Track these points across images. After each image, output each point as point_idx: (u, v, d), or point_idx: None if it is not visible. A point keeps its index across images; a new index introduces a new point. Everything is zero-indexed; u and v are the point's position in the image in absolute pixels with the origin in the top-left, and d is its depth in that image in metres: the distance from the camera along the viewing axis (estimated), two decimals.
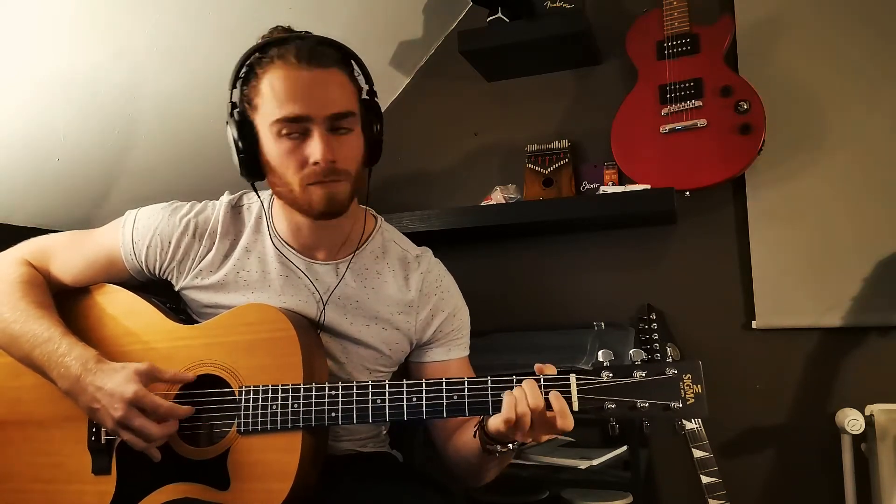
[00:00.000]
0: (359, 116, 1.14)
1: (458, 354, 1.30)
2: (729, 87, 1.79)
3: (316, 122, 1.09)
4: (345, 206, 1.15)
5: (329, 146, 1.09)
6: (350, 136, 1.13)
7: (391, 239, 1.30)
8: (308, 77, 1.08)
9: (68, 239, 1.29)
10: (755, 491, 1.88)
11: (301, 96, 1.08)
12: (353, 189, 1.15)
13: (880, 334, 1.78)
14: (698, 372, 1.00)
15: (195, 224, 1.24)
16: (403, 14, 2.10)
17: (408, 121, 2.31)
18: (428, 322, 1.26)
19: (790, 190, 1.86)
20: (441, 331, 1.27)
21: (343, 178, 1.12)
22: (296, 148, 1.10)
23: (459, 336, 1.30)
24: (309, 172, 1.10)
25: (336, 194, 1.12)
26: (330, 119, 1.09)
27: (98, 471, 1.15)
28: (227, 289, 1.23)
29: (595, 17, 2.00)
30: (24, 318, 1.15)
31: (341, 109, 1.10)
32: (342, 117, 1.10)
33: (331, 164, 1.09)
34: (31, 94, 1.47)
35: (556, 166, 2.05)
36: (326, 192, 1.11)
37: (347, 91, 1.12)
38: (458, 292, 1.32)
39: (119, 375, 1.08)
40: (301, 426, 1.08)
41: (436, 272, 1.29)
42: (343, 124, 1.11)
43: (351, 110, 1.12)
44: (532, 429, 0.99)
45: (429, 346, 1.28)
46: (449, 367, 1.28)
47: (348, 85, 1.13)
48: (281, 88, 1.08)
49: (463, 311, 1.31)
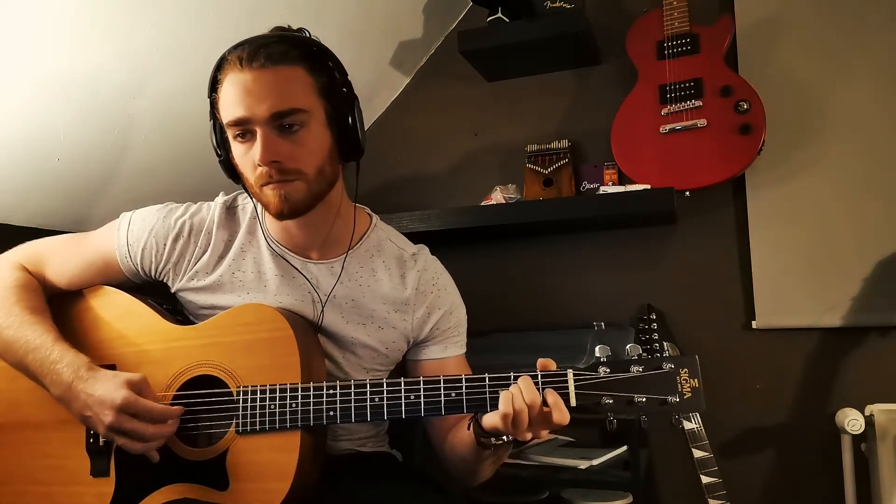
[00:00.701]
0: (315, 111, 1.11)
1: (455, 352, 1.29)
2: (729, 87, 1.79)
3: (257, 124, 1.07)
4: (304, 205, 1.12)
5: (270, 147, 1.07)
6: (303, 133, 1.09)
7: (386, 237, 1.30)
8: (249, 78, 1.07)
9: (63, 242, 1.28)
10: (755, 491, 1.88)
11: (242, 99, 1.07)
12: (315, 188, 1.12)
13: (880, 334, 1.78)
14: (695, 366, 1.01)
15: (190, 225, 1.24)
16: (403, 14, 2.10)
17: (408, 121, 2.31)
18: (424, 320, 1.26)
19: (790, 190, 1.86)
20: (438, 328, 1.27)
21: (295, 177, 1.10)
22: (247, 151, 1.10)
23: (456, 334, 1.30)
24: (258, 175, 1.10)
25: (289, 194, 1.10)
26: (272, 118, 1.07)
27: (97, 473, 1.15)
28: (223, 289, 1.22)
29: (595, 17, 2.00)
30: (18, 323, 1.15)
31: (283, 107, 1.07)
32: (287, 115, 1.08)
33: (275, 165, 1.08)
34: (31, 94, 1.47)
35: (556, 166, 2.05)
36: (278, 193, 1.10)
37: (297, 87, 1.09)
38: (455, 290, 1.31)
39: (110, 383, 1.08)
40: (300, 426, 1.08)
41: (432, 269, 1.28)
42: (291, 121, 1.08)
43: (297, 107, 1.08)
44: (530, 425, 1.00)
45: (425, 344, 1.28)
46: (445, 364, 1.28)
47: (301, 80, 1.10)
48: (227, 93, 1.09)
49: (460, 309, 1.31)
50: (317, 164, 1.12)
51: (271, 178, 1.09)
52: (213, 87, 1.12)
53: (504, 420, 0.99)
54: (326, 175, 1.14)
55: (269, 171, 1.08)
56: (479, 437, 1.08)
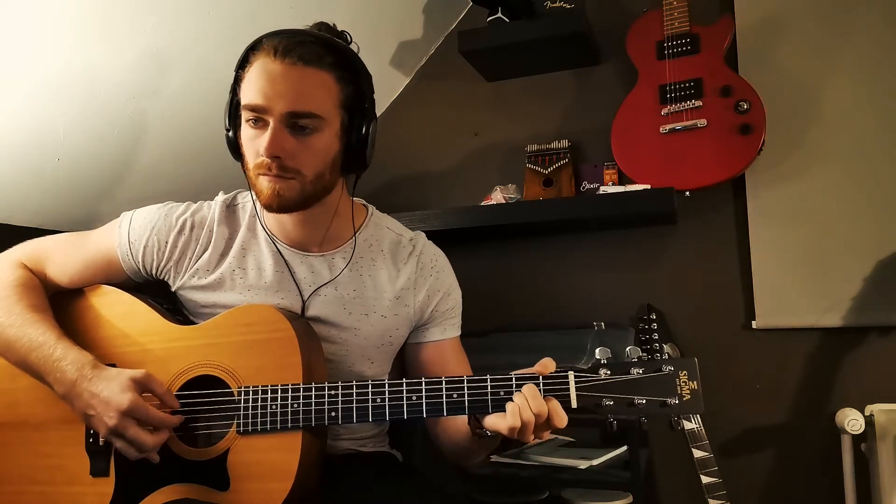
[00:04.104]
0: (331, 120, 1.12)
1: (452, 334, 1.32)
2: (729, 87, 1.79)
3: (272, 115, 1.09)
4: (293, 203, 1.13)
5: (277, 141, 1.08)
6: (314, 138, 1.11)
7: (384, 225, 1.31)
8: (278, 70, 1.08)
9: (64, 241, 1.29)
10: (755, 491, 1.88)
11: (265, 88, 1.08)
12: (309, 190, 1.13)
13: (880, 334, 1.78)
14: (694, 368, 1.02)
15: (191, 223, 1.24)
16: (403, 14, 2.10)
17: (408, 121, 2.31)
18: (426, 303, 1.27)
19: (790, 190, 1.86)
20: (437, 310, 1.29)
21: (292, 175, 1.11)
22: (256, 137, 1.11)
23: (453, 315, 1.32)
24: (258, 162, 1.11)
25: (282, 191, 1.11)
26: (287, 116, 1.08)
27: (96, 473, 1.15)
28: (224, 287, 1.23)
29: (595, 17, 2.00)
30: (20, 322, 1.15)
31: (301, 109, 1.08)
32: (303, 116, 1.09)
33: (276, 160, 1.09)
34: (31, 94, 1.47)
35: (556, 166, 2.05)
36: (272, 186, 1.11)
37: (322, 93, 1.10)
38: (452, 272, 1.33)
39: (114, 383, 1.08)
40: (301, 426, 1.08)
41: (429, 252, 1.30)
42: (305, 123, 1.09)
43: (315, 112, 1.09)
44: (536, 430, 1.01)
45: (425, 327, 1.30)
46: (444, 346, 1.30)
47: (327, 87, 1.11)
48: (253, 77, 1.10)
49: (456, 290, 1.33)
50: (317, 169, 1.13)
51: (270, 171, 1.10)
52: (243, 64, 1.13)
53: (511, 432, 1.01)
54: (324, 181, 1.15)
55: (269, 164, 1.09)
56: (474, 429, 1.10)
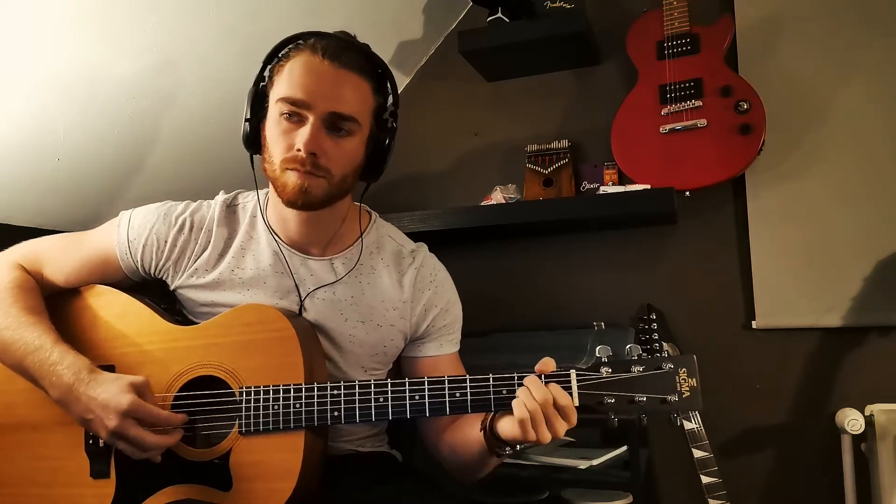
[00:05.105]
0: (364, 126, 1.15)
1: (449, 350, 1.30)
2: (729, 87, 1.79)
3: (314, 112, 1.10)
4: (317, 201, 1.14)
5: (317, 139, 1.10)
6: (348, 141, 1.14)
7: (386, 234, 1.31)
8: (325, 70, 1.11)
9: (61, 241, 1.28)
10: (755, 491, 1.88)
11: (310, 84, 1.10)
12: (334, 191, 1.15)
13: (880, 334, 1.79)
14: (693, 366, 1.03)
15: (191, 222, 1.24)
16: (403, 14, 2.10)
17: (408, 121, 2.29)
18: (422, 317, 1.27)
19: (790, 190, 1.86)
20: (434, 325, 1.28)
21: (322, 174, 1.12)
22: (290, 131, 1.12)
23: (452, 331, 1.31)
24: (290, 157, 1.11)
25: (309, 188, 1.12)
26: (329, 115, 1.11)
27: (96, 474, 1.14)
28: (223, 287, 1.23)
29: (595, 17, 2.00)
30: (16, 324, 1.14)
31: (344, 111, 1.11)
32: (343, 119, 1.12)
33: (311, 157, 1.10)
34: (31, 94, 1.47)
35: (556, 166, 2.05)
36: (300, 181, 1.11)
37: (360, 98, 1.14)
38: (453, 287, 1.32)
39: (113, 386, 1.07)
40: (304, 426, 1.08)
41: (430, 266, 1.29)
42: (343, 125, 1.12)
43: (354, 116, 1.13)
44: (548, 423, 1.00)
45: (421, 341, 1.29)
46: (439, 362, 1.29)
47: (365, 94, 1.15)
48: (297, 72, 1.11)
49: (456, 306, 1.32)
50: (344, 171, 1.15)
51: (303, 166, 1.11)
52: (277, 57, 1.15)
53: (522, 426, 1.00)
54: (346, 184, 1.18)
55: (303, 159, 1.10)
56: (492, 448, 1.08)
